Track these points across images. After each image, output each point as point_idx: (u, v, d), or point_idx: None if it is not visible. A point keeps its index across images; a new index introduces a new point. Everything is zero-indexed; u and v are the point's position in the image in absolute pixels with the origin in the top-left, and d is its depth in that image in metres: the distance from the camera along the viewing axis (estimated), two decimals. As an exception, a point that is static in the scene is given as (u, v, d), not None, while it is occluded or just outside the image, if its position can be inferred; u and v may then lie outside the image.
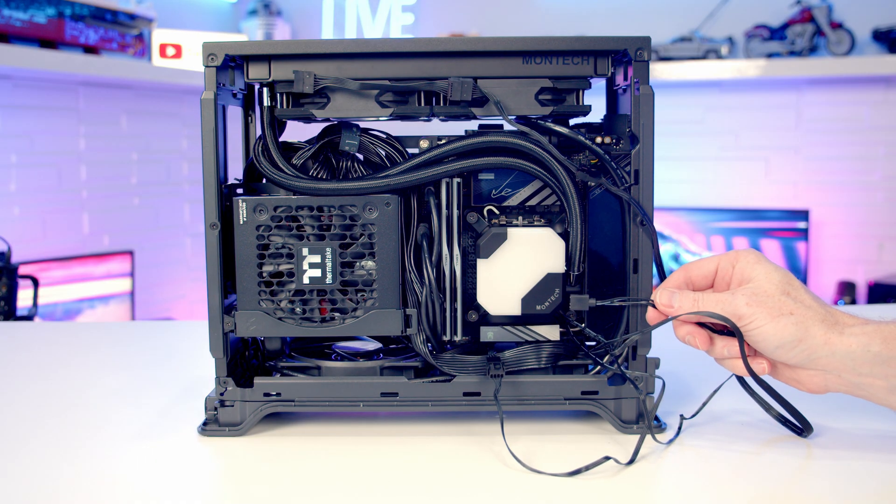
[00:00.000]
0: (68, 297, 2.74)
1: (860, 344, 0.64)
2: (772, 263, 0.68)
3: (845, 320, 0.65)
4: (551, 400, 0.75)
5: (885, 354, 0.63)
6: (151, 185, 3.17)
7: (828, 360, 0.65)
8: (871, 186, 3.17)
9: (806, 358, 0.65)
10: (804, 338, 0.64)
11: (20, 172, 2.68)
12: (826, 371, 0.66)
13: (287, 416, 0.78)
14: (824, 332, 0.64)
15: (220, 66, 0.71)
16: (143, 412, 0.81)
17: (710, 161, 3.33)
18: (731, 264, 0.69)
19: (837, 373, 0.65)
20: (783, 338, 0.64)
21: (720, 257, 0.70)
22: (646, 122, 0.72)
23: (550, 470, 0.65)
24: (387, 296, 0.73)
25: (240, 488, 0.65)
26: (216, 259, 0.72)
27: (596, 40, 0.72)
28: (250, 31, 3.51)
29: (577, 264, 0.73)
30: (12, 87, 2.64)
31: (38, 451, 0.71)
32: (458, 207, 0.74)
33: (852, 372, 0.65)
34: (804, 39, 3.06)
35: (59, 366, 1.00)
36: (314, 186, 0.72)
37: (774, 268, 0.67)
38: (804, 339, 0.64)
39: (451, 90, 0.71)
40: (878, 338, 0.64)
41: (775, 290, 0.66)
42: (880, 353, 0.63)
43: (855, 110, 3.16)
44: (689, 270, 0.71)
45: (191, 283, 3.38)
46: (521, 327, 0.76)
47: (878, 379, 0.65)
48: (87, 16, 2.62)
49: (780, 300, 0.65)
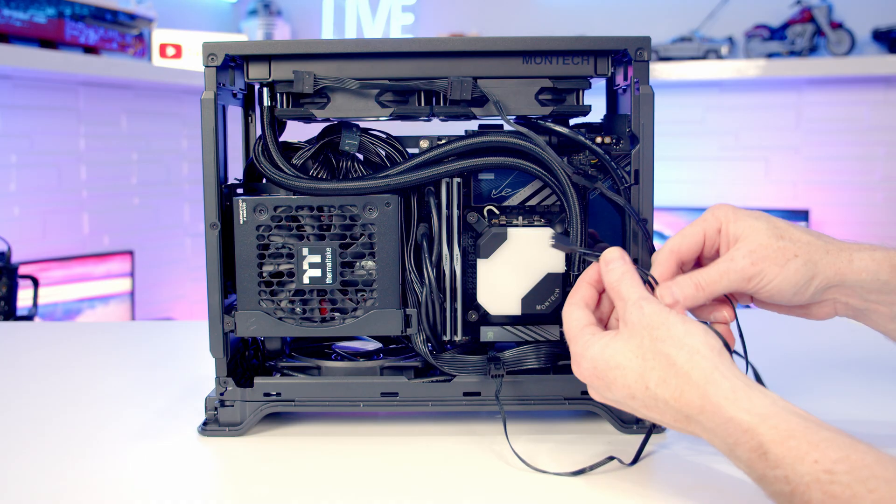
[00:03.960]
0: (68, 297, 2.74)
1: (870, 272, 0.64)
2: (748, 213, 0.66)
3: (850, 246, 0.65)
4: (551, 400, 0.75)
5: (893, 283, 0.64)
6: (151, 185, 3.17)
7: (839, 289, 0.65)
8: (871, 186, 3.17)
9: (821, 291, 0.65)
10: (815, 274, 0.64)
11: (20, 172, 2.68)
12: (835, 299, 0.66)
13: (287, 416, 0.78)
14: (832, 262, 0.64)
15: (220, 66, 0.71)
16: (144, 412, 0.81)
17: (710, 161, 3.33)
18: (715, 230, 0.66)
19: (846, 299, 0.66)
20: (797, 282, 0.64)
21: (703, 226, 0.66)
22: (646, 122, 0.72)
23: (552, 470, 0.65)
24: (387, 296, 0.73)
25: (240, 488, 0.65)
26: (216, 259, 0.72)
27: (596, 40, 0.72)
28: (250, 31, 3.51)
29: (577, 264, 0.73)
30: (12, 87, 2.64)
31: (38, 451, 0.71)
32: (458, 207, 0.74)
33: (860, 298, 0.65)
34: (804, 39, 3.06)
35: (59, 366, 1.00)
36: (314, 186, 0.72)
37: (754, 216, 0.65)
38: (816, 275, 0.64)
39: (451, 90, 0.71)
40: (888, 265, 0.64)
41: (769, 239, 0.64)
42: (889, 282, 0.64)
43: (855, 110, 3.16)
44: (677, 253, 0.67)
45: (191, 283, 3.38)
46: (521, 327, 0.76)
47: (883, 306, 0.65)
48: (87, 16, 2.62)
49: (779, 246, 0.64)
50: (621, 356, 0.59)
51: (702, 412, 0.54)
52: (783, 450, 0.49)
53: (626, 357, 0.59)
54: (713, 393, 0.54)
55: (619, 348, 0.59)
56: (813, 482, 0.47)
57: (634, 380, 0.58)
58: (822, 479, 0.47)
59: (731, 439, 0.52)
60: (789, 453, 0.49)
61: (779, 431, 0.50)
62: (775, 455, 0.49)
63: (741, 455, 0.52)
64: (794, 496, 0.48)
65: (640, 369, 0.58)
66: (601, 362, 0.60)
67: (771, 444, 0.50)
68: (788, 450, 0.49)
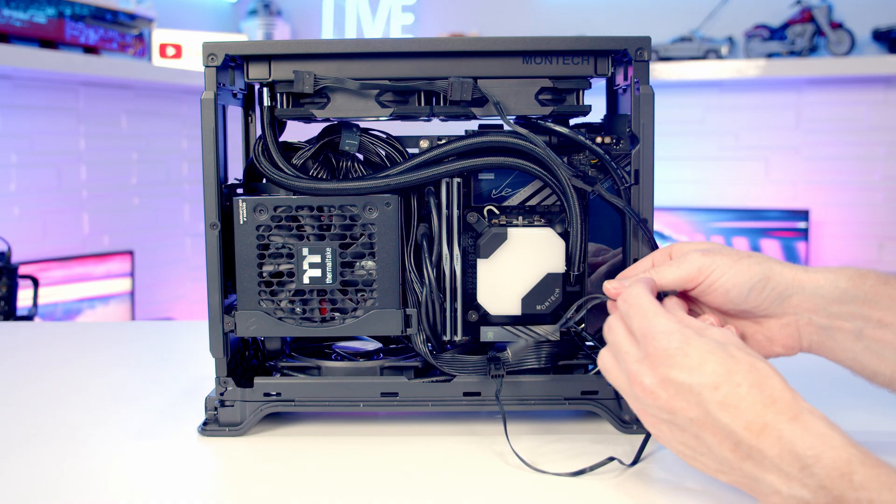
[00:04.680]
0: (68, 297, 2.74)
1: (827, 280, 0.63)
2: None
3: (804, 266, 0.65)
4: (551, 400, 0.75)
5: (852, 292, 0.62)
6: (151, 185, 3.17)
7: (798, 298, 0.63)
8: (871, 186, 3.17)
9: (777, 297, 0.63)
10: (770, 275, 0.63)
11: (20, 172, 2.68)
12: (797, 314, 0.64)
13: (287, 416, 0.78)
14: (789, 269, 0.63)
15: (220, 66, 0.71)
16: (144, 412, 0.81)
17: (710, 161, 3.33)
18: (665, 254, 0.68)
19: (808, 315, 0.64)
20: (752, 277, 0.62)
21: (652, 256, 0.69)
22: (646, 122, 0.72)
23: (552, 470, 0.65)
24: (387, 296, 0.73)
25: (240, 488, 0.65)
26: (216, 259, 0.72)
27: (596, 40, 0.72)
28: (250, 31, 3.51)
29: (577, 264, 0.73)
30: (12, 87, 2.64)
31: (38, 451, 0.71)
32: (458, 207, 0.74)
33: (823, 312, 0.63)
34: (804, 39, 3.06)
35: (58, 366, 1.00)
36: (314, 186, 0.72)
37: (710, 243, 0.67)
38: (771, 277, 0.63)
39: (451, 90, 0.71)
40: (844, 276, 0.63)
41: (721, 246, 0.65)
42: (847, 290, 0.62)
43: (855, 110, 3.16)
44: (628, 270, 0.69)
45: (191, 283, 3.38)
46: (521, 327, 0.76)
47: (846, 321, 0.63)
48: (87, 16, 2.62)
49: (732, 251, 0.64)
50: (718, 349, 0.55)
51: (794, 420, 0.51)
52: (872, 473, 0.48)
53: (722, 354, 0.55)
54: (808, 413, 0.52)
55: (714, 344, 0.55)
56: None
57: (727, 372, 0.53)
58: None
59: (813, 453, 0.50)
60: (878, 478, 0.48)
61: (868, 457, 0.49)
62: (863, 477, 0.48)
63: (818, 472, 0.49)
64: None
65: (735, 367, 0.54)
66: (697, 343, 0.55)
67: (860, 465, 0.49)
68: (877, 475, 0.48)
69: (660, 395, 0.55)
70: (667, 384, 0.55)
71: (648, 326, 0.57)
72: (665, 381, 0.55)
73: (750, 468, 0.52)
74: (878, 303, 0.62)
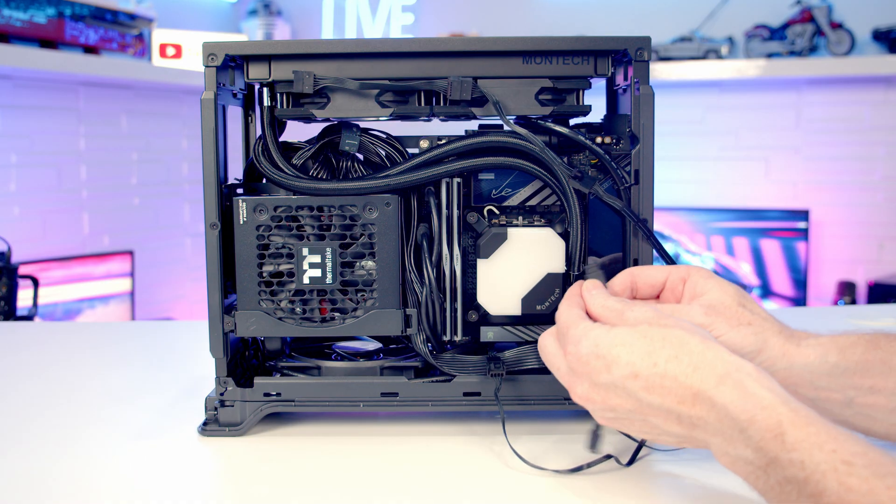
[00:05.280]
0: (68, 297, 2.74)
1: (817, 355, 0.62)
2: (721, 279, 0.66)
3: (799, 333, 0.64)
4: (551, 400, 0.75)
5: (843, 365, 0.61)
6: (151, 185, 3.17)
7: (786, 372, 0.63)
8: (871, 186, 3.17)
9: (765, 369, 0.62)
10: (763, 349, 0.63)
11: (20, 172, 2.68)
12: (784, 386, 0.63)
13: (287, 416, 0.78)
14: (782, 343, 0.63)
15: (220, 66, 0.71)
16: (143, 412, 0.81)
17: (710, 161, 3.33)
18: (681, 279, 0.67)
19: (794, 388, 0.63)
20: (744, 347, 0.62)
21: (671, 269, 0.67)
22: (646, 122, 0.72)
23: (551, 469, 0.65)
24: (387, 296, 0.73)
25: (240, 488, 0.65)
26: (216, 259, 0.72)
27: (596, 40, 0.72)
28: (250, 31, 3.51)
29: (577, 264, 0.73)
30: (12, 87, 2.64)
31: (37, 451, 0.71)
32: (458, 207, 0.74)
33: (809, 386, 0.63)
34: (804, 39, 3.06)
35: (58, 366, 1.00)
36: (314, 186, 0.72)
37: (727, 282, 0.66)
38: (763, 350, 0.63)
39: (451, 90, 0.71)
40: (835, 348, 0.62)
41: (731, 302, 0.64)
42: (837, 364, 0.62)
43: (855, 110, 3.16)
44: (635, 276, 0.68)
45: (191, 283, 3.38)
46: (521, 327, 0.76)
47: (834, 392, 0.62)
48: (87, 16, 2.62)
49: (738, 311, 0.63)
50: (627, 336, 0.57)
51: (721, 383, 0.52)
52: (802, 434, 0.48)
53: (633, 337, 0.56)
54: (734, 371, 0.52)
55: (623, 331, 0.57)
56: (830, 471, 0.46)
57: (641, 356, 0.55)
58: (839, 470, 0.46)
59: (747, 416, 0.50)
60: (808, 438, 0.48)
61: (799, 415, 0.49)
62: (793, 438, 0.48)
63: (753, 434, 0.50)
64: (807, 483, 0.47)
65: (649, 347, 0.55)
66: (605, 340, 0.57)
67: (790, 426, 0.48)
68: (808, 435, 0.48)
69: (595, 399, 0.58)
70: (594, 388, 0.57)
71: (564, 339, 0.60)
72: (592, 386, 0.57)
73: (700, 434, 0.54)
74: (868, 370, 0.61)
